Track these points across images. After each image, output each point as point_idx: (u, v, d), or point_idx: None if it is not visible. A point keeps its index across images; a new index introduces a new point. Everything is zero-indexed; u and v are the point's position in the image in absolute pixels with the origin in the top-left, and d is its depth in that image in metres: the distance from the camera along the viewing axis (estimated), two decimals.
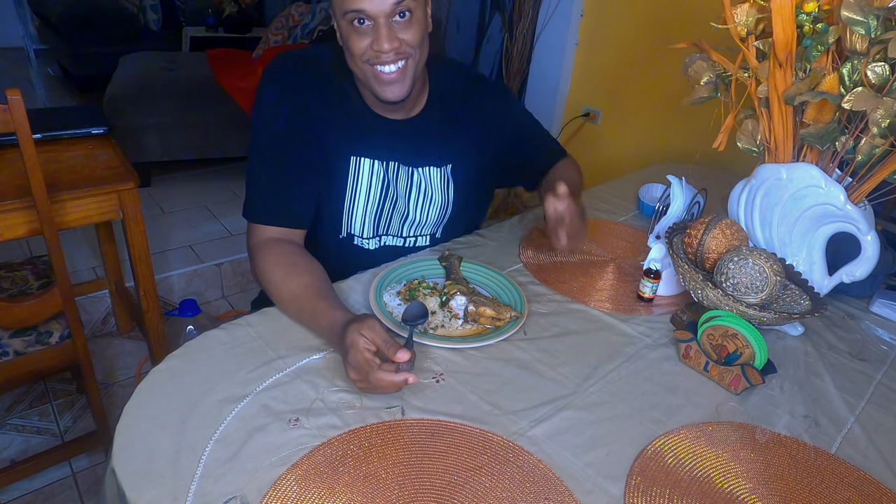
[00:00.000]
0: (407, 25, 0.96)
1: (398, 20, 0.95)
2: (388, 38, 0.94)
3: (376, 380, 0.78)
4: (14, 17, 3.56)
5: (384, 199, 1.14)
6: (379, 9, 0.92)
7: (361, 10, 0.92)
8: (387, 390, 0.81)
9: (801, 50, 0.93)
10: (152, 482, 0.67)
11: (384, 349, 0.80)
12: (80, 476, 1.59)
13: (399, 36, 0.95)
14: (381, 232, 1.18)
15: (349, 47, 0.98)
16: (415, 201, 1.17)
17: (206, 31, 4.38)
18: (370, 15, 0.93)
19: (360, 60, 0.98)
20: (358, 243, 1.18)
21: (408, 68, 0.99)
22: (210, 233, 2.64)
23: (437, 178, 1.17)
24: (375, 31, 0.94)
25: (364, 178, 1.12)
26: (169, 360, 0.85)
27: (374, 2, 0.91)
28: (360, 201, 1.13)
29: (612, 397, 0.87)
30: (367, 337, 0.81)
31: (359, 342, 0.80)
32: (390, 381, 0.78)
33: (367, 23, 0.94)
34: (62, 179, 1.39)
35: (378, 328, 0.82)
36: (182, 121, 2.90)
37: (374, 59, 0.97)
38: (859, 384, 0.97)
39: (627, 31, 2.41)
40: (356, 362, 0.80)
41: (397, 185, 1.14)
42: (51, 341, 1.39)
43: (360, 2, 0.92)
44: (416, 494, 0.69)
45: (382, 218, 1.16)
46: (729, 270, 0.98)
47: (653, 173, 1.68)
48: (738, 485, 0.75)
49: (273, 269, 1.00)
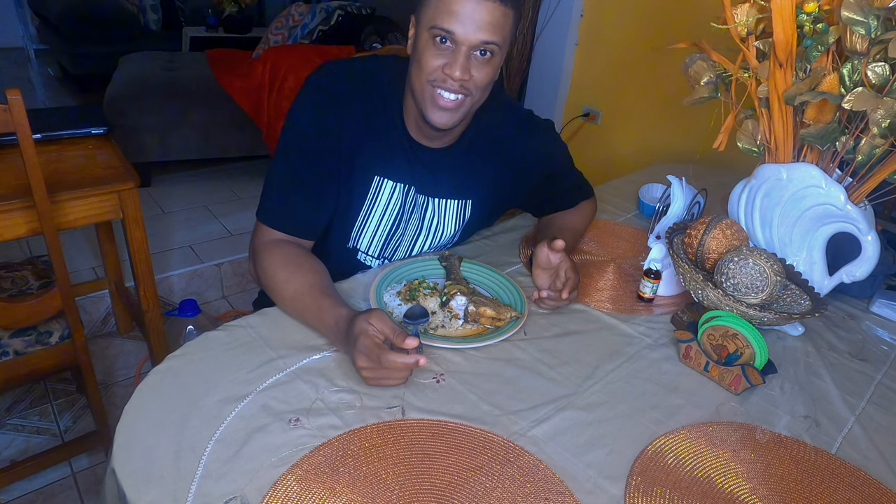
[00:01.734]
0: (483, 65, 0.95)
1: (478, 56, 0.94)
2: (462, 68, 0.93)
3: (388, 361, 0.79)
4: (14, 17, 3.56)
5: (398, 222, 1.14)
6: (468, 38, 0.91)
7: (452, 32, 0.90)
8: (397, 375, 0.83)
9: (802, 50, 0.93)
10: (152, 482, 0.67)
11: (392, 337, 0.82)
12: (80, 476, 1.59)
13: (472, 71, 0.94)
14: (388, 255, 1.18)
15: (420, 61, 0.95)
16: (427, 230, 1.17)
17: (206, 31, 4.37)
18: (456, 39, 0.91)
19: (426, 78, 0.96)
20: (361, 258, 1.18)
21: (464, 104, 0.98)
22: (210, 233, 2.64)
23: (454, 210, 1.17)
24: (454, 56, 0.93)
25: (383, 199, 1.11)
26: (169, 360, 0.85)
27: (467, 30, 0.90)
28: (374, 221, 1.13)
29: (613, 397, 0.87)
30: (376, 326, 0.82)
31: (368, 329, 0.82)
32: (403, 362, 0.79)
33: (449, 45, 0.93)
34: (62, 179, 1.39)
35: (386, 319, 0.84)
36: (182, 121, 2.90)
37: (440, 82, 0.95)
38: (859, 384, 0.97)
39: (627, 31, 2.41)
40: (366, 348, 0.81)
41: (412, 211, 1.14)
42: (51, 341, 1.38)
43: (454, 24, 0.89)
44: (417, 495, 0.69)
45: (392, 241, 1.16)
46: (729, 270, 0.97)
47: (653, 173, 1.68)
48: (739, 485, 0.75)
49: (276, 268, 0.99)
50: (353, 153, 1.06)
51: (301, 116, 1.04)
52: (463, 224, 1.19)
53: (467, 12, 0.89)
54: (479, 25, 0.90)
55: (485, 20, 0.90)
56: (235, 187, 3.08)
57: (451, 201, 1.16)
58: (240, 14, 4.38)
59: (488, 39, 0.91)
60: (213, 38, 4.29)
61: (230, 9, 4.35)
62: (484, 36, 0.91)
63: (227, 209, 2.86)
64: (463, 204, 1.17)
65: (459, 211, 1.17)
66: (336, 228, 1.13)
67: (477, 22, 0.90)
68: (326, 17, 3.25)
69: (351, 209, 1.11)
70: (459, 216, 1.18)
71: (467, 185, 1.15)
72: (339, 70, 1.06)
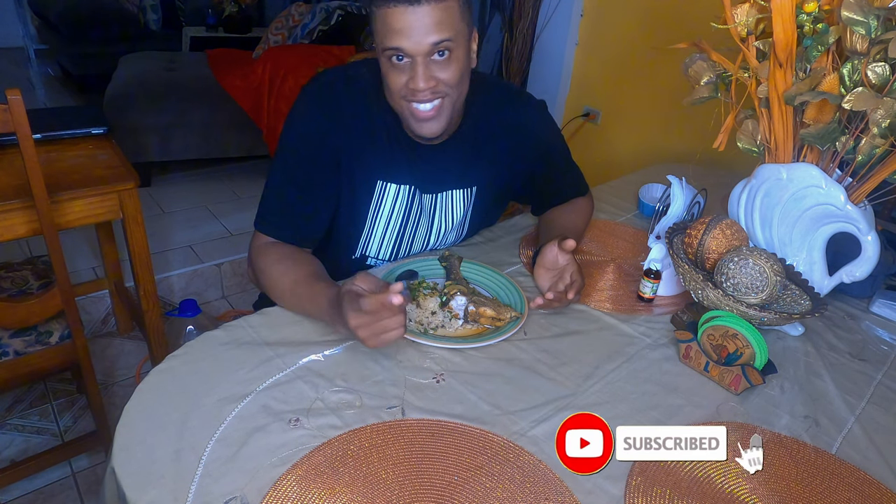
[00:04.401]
0: (445, 65, 0.95)
1: (437, 59, 0.94)
2: (424, 77, 0.93)
3: (367, 304, 0.80)
4: (14, 17, 3.56)
5: (405, 224, 1.14)
6: (417, 48, 0.91)
7: (400, 49, 0.92)
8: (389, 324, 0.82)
9: (802, 50, 0.93)
10: (152, 482, 0.67)
11: (376, 291, 0.83)
12: (80, 476, 1.59)
13: (436, 75, 0.95)
14: (402, 257, 1.18)
15: (387, 83, 0.98)
16: (437, 228, 1.18)
17: (206, 31, 4.37)
18: (408, 53, 0.92)
19: (398, 96, 0.98)
20: (371, 264, 1.18)
21: (444, 107, 0.99)
22: (210, 233, 2.64)
23: (459, 199, 1.17)
24: (413, 68, 0.94)
25: (388, 203, 1.11)
26: (169, 360, 0.85)
27: (413, 41, 0.91)
28: (381, 225, 1.13)
29: (613, 397, 0.87)
30: (362, 284, 0.84)
31: (353, 287, 0.84)
32: (380, 300, 0.80)
33: (406, 60, 0.94)
34: (62, 179, 1.39)
35: (371, 276, 0.85)
36: (182, 121, 2.90)
37: (409, 96, 0.96)
38: (859, 384, 0.97)
39: (627, 31, 2.41)
40: (350, 301, 0.82)
41: (420, 210, 1.14)
42: (51, 341, 1.39)
43: (399, 40, 0.91)
44: (417, 494, 0.69)
45: (403, 244, 1.16)
46: (729, 270, 0.97)
47: (653, 173, 1.68)
48: (739, 485, 0.75)
49: (272, 264, 1.01)
50: (353, 160, 1.06)
51: (297, 126, 1.05)
52: (469, 209, 1.19)
53: (408, 24, 0.90)
54: (423, 32, 0.90)
55: (426, 24, 0.90)
56: (235, 187, 3.08)
57: (456, 191, 1.16)
58: (240, 14, 4.39)
59: (437, 40, 0.91)
60: (213, 38, 4.29)
61: (230, 9, 4.35)
62: (432, 39, 0.91)
63: (227, 209, 2.86)
64: (468, 192, 1.17)
65: (465, 198, 1.18)
66: (342, 239, 1.13)
67: (419, 30, 0.90)
68: (326, 17, 3.25)
69: (356, 217, 1.11)
70: (466, 203, 1.18)
71: (470, 172, 1.16)
72: (333, 78, 1.07)
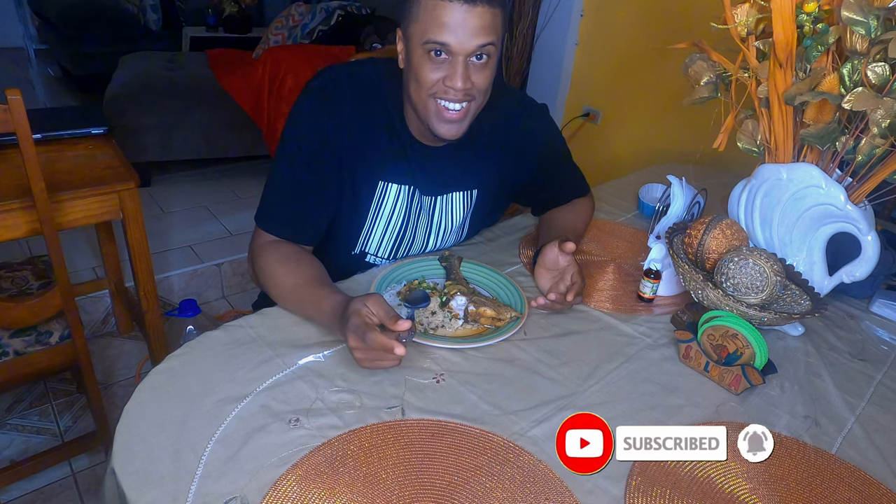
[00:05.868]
0: (482, 68, 0.94)
1: (475, 62, 0.93)
2: (462, 77, 0.92)
3: (370, 340, 0.80)
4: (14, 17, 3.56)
5: (406, 224, 1.14)
6: (463, 47, 0.90)
7: (445, 44, 0.90)
8: (386, 357, 0.82)
9: (802, 50, 0.93)
10: (152, 482, 0.67)
11: (385, 320, 0.82)
12: (80, 476, 1.59)
13: (472, 78, 0.94)
14: (401, 256, 1.18)
15: (418, 77, 0.95)
16: (436, 228, 1.17)
17: (206, 31, 4.37)
18: (452, 50, 0.91)
19: (427, 93, 0.96)
20: (370, 260, 1.17)
21: (469, 111, 0.98)
22: (210, 233, 2.64)
23: (460, 202, 1.17)
24: (452, 66, 0.92)
25: (388, 203, 1.11)
26: (169, 360, 0.85)
27: (460, 39, 0.89)
28: (381, 225, 1.13)
29: (613, 397, 0.87)
30: (371, 308, 0.83)
31: (361, 310, 0.83)
32: (382, 342, 0.79)
33: (445, 57, 0.92)
34: (62, 179, 1.39)
35: (382, 302, 0.84)
36: (182, 121, 2.90)
37: (441, 94, 0.95)
38: (859, 384, 0.97)
39: (627, 31, 2.41)
40: (355, 327, 0.82)
41: (419, 212, 1.14)
42: (51, 341, 1.38)
43: (446, 35, 0.89)
44: (416, 495, 0.69)
45: (403, 244, 1.16)
46: (729, 270, 0.97)
47: (653, 173, 1.68)
48: (739, 485, 0.75)
49: (274, 265, 1.00)
50: (355, 158, 1.05)
51: (300, 122, 1.04)
52: (469, 212, 1.19)
53: (458, 21, 0.88)
54: (472, 32, 0.89)
55: (477, 25, 0.89)
56: (235, 187, 3.08)
57: (457, 193, 1.16)
58: (240, 14, 4.39)
59: (484, 42, 0.91)
60: (213, 38, 4.29)
61: (230, 9, 4.35)
62: (479, 41, 0.90)
63: (227, 209, 2.86)
64: (469, 195, 1.17)
65: (466, 201, 1.17)
66: (342, 235, 1.13)
67: (469, 29, 0.89)
68: (326, 17, 3.25)
69: (357, 215, 1.11)
70: (466, 206, 1.18)
71: (471, 175, 1.15)
72: (336, 75, 1.06)
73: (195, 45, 4.25)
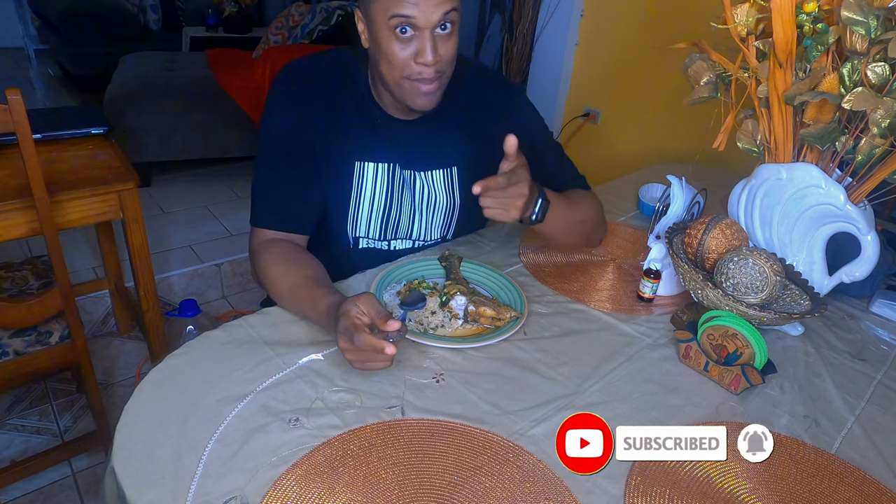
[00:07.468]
0: (447, 39, 0.94)
1: (440, 32, 0.92)
2: (431, 51, 0.92)
3: (359, 341, 0.79)
4: (14, 17, 3.56)
5: (390, 203, 1.14)
6: (428, 18, 0.89)
7: (410, 17, 0.89)
8: (376, 358, 0.81)
9: (801, 50, 0.93)
10: (152, 482, 0.67)
11: (376, 319, 0.81)
12: (80, 476, 1.59)
13: (439, 50, 0.93)
14: (390, 236, 1.18)
15: (388, 57, 0.94)
16: (420, 204, 1.17)
17: (206, 31, 4.37)
18: (417, 24, 0.90)
19: (400, 75, 0.95)
20: (365, 245, 1.18)
21: (441, 82, 0.98)
22: (210, 233, 2.64)
23: (442, 181, 1.16)
24: (420, 41, 0.92)
25: (368, 183, 1.11)
26: (169, 360, 0.85)
27: (423, 9, 0.88)
28: (365, 206, 1.13)
29: (612, 397, 0.87)
30: (362, 307, 0.82)
31: (352, 310, 0.82)
32: (371, 343, 0.78)
33: (411, 32, 0.91)
34: (62, 179, 1.39)
35: (373, 301, 0.83)
36: (182, 121, 2.90)
37: (416, 76, 0.95)
38: (859, 384, 0.97)
39: (627, 31, 2.41)
40: (344, 328, 0.81)
41: (402, 188, 1.14)
42: (51, 341, 1.39)
43: (409, 7, 0.88)
44: (416, 494, 0.69)
45: (390, 223, 1.16)
46: (729, 270, 0.97)
47: (653, 173, 1.68)
48: (738, 485, 0.75)
49: (272, 265, 1.01)
50: (327, 143, 1.07)
51: (270, 118, 1.07)
52: (457, 195, 1.18)
53: None
54: (434, 1, 0.89)
55: None
56: (235, 187, 3.08)
57: (437, 171, 1.16)
58: (240, 14, 4.39)
59: (447, 9, 0.90)
60: (213, 38, 4.29)
61: (230, 9, 4.35)
62: (443, 8, 0.89)
63: (227, 209, 2.86)
64: (449, 172, 1.17)
65: (447, 179, 1.17)
66: (333, 223, 1.14)
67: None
68: (326, 17, 3.25)
69: (340, 199, 1.12)
70: (448, 185, 1.18)
71: (448, 152, 1.15)
72: (296, 66, 1.08)
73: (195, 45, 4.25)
